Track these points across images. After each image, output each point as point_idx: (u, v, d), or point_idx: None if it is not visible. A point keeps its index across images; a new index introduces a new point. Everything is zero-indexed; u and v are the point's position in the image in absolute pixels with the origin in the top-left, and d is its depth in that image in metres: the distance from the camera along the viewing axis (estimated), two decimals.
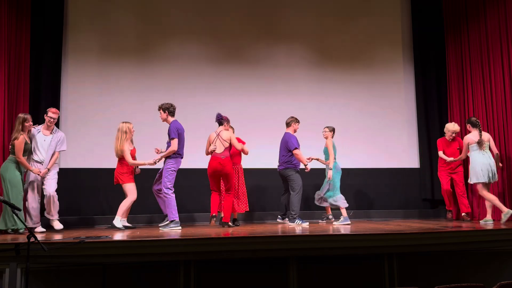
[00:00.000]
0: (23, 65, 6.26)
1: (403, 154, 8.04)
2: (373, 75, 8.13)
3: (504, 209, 5.81)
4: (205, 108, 7.38)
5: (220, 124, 6.04)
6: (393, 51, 8.26)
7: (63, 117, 6.91)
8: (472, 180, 6.12)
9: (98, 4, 7.43)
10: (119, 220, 5.77)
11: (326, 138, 6.55)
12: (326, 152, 6.55)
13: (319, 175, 6.78)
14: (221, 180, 5.98)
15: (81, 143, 7.02)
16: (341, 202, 6.27)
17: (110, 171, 6.68)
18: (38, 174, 5.51)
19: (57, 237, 4.83)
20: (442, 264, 4.60)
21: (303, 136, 6.92)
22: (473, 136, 6.15)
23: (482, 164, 5.98)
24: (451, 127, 6.90)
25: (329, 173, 6.32)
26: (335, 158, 6.44)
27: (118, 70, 7.38)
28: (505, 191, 6.33)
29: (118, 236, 4.78)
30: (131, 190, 5.86)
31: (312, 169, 6.46)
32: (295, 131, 6.54)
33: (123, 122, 5.94)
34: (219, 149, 5.91)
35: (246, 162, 6.66)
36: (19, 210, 3.58)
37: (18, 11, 6.19)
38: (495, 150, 6.25)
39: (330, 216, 6.65)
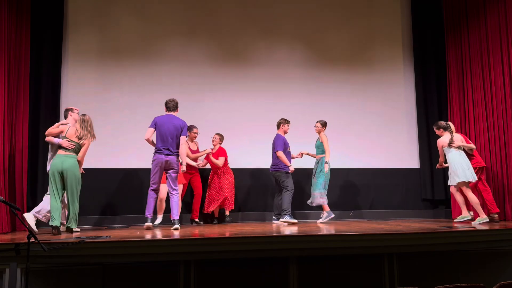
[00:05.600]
0: (23, 65, 6.25)
1: (403, 154, 8.04)
2: (373, 75, 8.13)
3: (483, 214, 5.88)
4: (205, 107, 7.38)
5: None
6: (393, 51, 8.26)
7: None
8: (455, 180, 6.01)
9: (98, 4, 7.43)
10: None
11: (319, 132, 6.61)
12: (318, 146, 6.58)
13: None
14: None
15: None
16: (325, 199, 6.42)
17: (110, 171, 6.68)
18: None
19: (57, 237, 4.83)
20: (442, 264, 4.60)
21: (304, 136, 6.91)
22: (446, 138, 6.15)
23: (465, 163, 5.99)
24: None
25: (326, 167, 6.36)
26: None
27: (118, 70, 7.38)
28: (505, 191, 6.33)
29: (118, 236, 4.77)
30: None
31: (310, 170, 6.43)
32: (285, 132, 6.59)
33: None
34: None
35: (245, 162, 6.60)
36: (19, 210, 3.57)
37: (18, 11, 6.18)
38: (473, 145, 6.30)
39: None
